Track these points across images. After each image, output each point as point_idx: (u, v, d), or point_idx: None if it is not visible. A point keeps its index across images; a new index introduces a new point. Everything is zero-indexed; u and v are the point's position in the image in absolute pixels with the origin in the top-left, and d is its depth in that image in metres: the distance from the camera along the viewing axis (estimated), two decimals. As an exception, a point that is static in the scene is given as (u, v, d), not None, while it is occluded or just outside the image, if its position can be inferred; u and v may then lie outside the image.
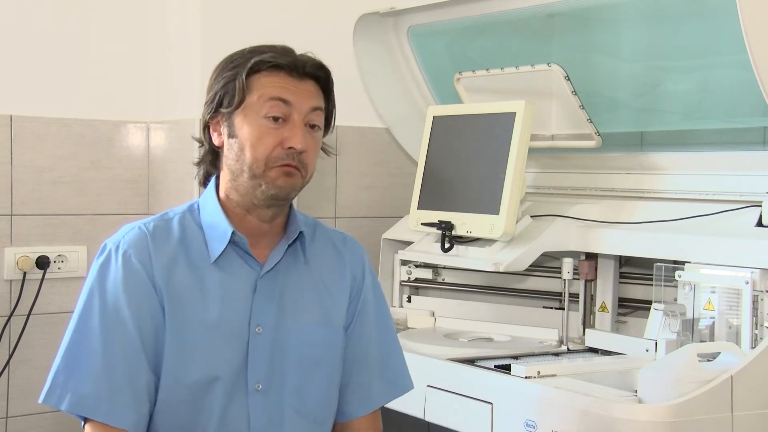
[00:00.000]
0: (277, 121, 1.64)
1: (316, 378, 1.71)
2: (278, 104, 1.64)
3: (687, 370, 1.89)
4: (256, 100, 1.64)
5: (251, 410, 1.65)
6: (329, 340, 1.73)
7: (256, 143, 1.63)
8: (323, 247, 1.79)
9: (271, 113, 1.64)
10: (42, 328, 2.94)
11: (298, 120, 1.65)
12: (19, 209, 2.94)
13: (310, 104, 1.67)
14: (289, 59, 1.66)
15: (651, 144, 2.69)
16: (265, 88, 1.64)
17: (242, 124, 1.65)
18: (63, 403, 1.60)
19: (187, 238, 1.68)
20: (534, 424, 2.02)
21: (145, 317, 1.62)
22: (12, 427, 2.93)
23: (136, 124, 3.13)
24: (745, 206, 2.26)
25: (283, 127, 1.64)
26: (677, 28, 2.49)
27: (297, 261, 1.74)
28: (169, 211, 1.74)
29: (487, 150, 2.53)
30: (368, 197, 3.28)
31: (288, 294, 1.71)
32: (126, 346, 1.60)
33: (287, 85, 1.65)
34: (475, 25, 2.88)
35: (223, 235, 1.67)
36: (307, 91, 1.67)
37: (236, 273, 1.67)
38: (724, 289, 2.13)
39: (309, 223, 1.81)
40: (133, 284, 1.62)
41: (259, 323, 1.67)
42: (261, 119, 1.64)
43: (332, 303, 1.75)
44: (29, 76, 2.96)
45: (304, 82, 1.67)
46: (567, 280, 2.52)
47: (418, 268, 3.00)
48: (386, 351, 1.84)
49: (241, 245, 1.67)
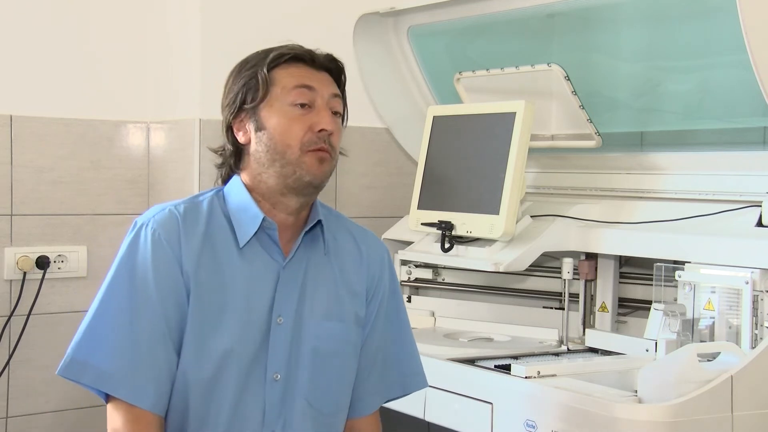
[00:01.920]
0: (304, 107, 1.68)
1: (328, 370, 1.72)
2: (303, 91, 1.69)
3: (687, 370, 1.89)
4: (281, 90, 1.69)
5: (267, 400, 1.66)
6: (343, 335, 1.74)
7: (287, 130, 1.67)
8: (345, 239, 1.81)
9: (298, 100, 1.68)
10: (42, 328, 2.94)
11: (322, 104, 1.70)
12: (19, 209, 2.94)
13: (331, 90, 1.72)
14: (305, 51, 1.73)
15: (651, 144, 2.69)
16: (288, 78, 1.69)
17: (269, 115, 1.68)
18: (84, 377, 1.60)
19: (215, 224, 1.70)
20: (534, 424, 2.02)
21: (171, 297, 1.63)
22: (12, 427, 2.92)
23: (136, 124, 3.13)
24: (745, 206, 2.26)
25: (310, 113, 1.69)
26: (677, 28, 2.49)
27: (317, 251, 1.75)
28: (198, 194, 1.76)
29: (487, 150, 2.53)
30: (368, 197, 3.28)
31: (307, 285, 1.72)
32: (152, 325, 1.61)
33: (307, 73, 1.71)
34: (475, 25, 2.88)
35: (254, 219, 1.68)
36: (326, 80, 1.73)
37: (259, 262, 1.68)
38: (724, 289, 2.13)
39: (333, 215, 1.83)
40: (162, 264, 1.63)
41: (281, 314, 1.68)
42: (288, 107, 1.68)
43: (349, 297, 1.76)
44: (29, 76, 2.96)
45: (321, 72, 1.73)
46: (567, 280, 2.52)
47: (418, 268, 3.00)
48: (400, 351, 1.85)
49: (269, 232, 1.69)
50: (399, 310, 1.86)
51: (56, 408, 2.96)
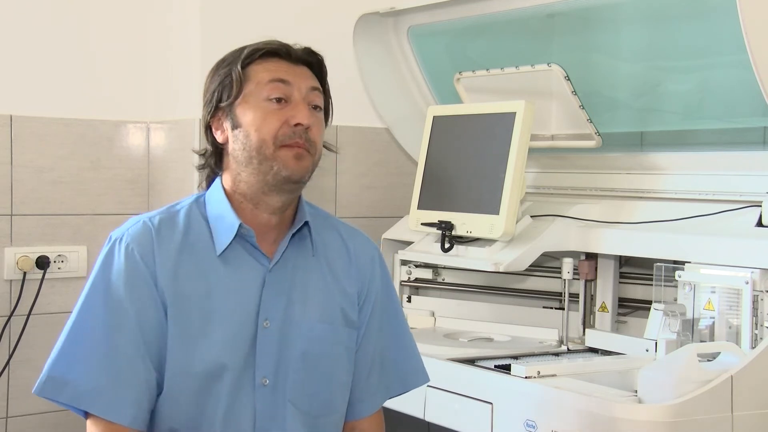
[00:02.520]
0: (280, 101, 1.65)
1: (316, 373, 1.70)
2: (278, 85, 1.65)
3: (687, 370, 1.89)
4: (255, 86, 1.66)
5: (258, 405, 1.65)
6: (333, 336, 1.72)
7: (261, 125, 1.64)
8: (334, 240, 1.78)
9: (273, 95, 1.65)
10: (42, 328, 2.94)
11: (299, 98, 1.66)
12: (19, 209, 2.94)
13: (309, 83, 1.68)
14: (281, 45, 1.69)
15: (651, 144, 2.69)
16: (262, 73, 1.66)
17: (244, 111, 1.66)
18: (61, 395, 1.58)
19: (194, 231, 1.68)
20: (534, 424, 2.02)
21: (147, 312, 1.61)
22: (12, 427, 2.92)
23: (136, 124, 3.13)
24: (745, 206, 2.26)
25: (286, 107, 1.65)
26: (677, 28, 2.49)
27: (305, 253, 1.73)
28: (176, 203, 1.74)
29: (487, 150, 2.53)
30: (368, 197, 3.28)
31: (295, 288, 1.70)
32: (129, 340, 1.60)
33: (284, 67, 1.67)
34: (475, 25, 2.88)
35: (230, 227, 1.66)
36: (303, 73, 1.69)
37: (243, 267, 1.66)
38: (724, 289, 2.13)
39: (320, 215, 1.80)
40: (135, 279, 1.61)
41: (268, 317, 1.66)
42: (263, 102, 1.65)
43: (337, 300, 1.74)
44: (29, 76, 2.96)
45: (299, 66, 1.69)
46: (567, 280, 2.52)
47: (418, 268, 3.00)
48: (398, 349, 1.83)
49: (248, 238, 1.67)
50: (394, 308, 1.84)
51: (56, 408, 2.95)
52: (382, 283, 1.81)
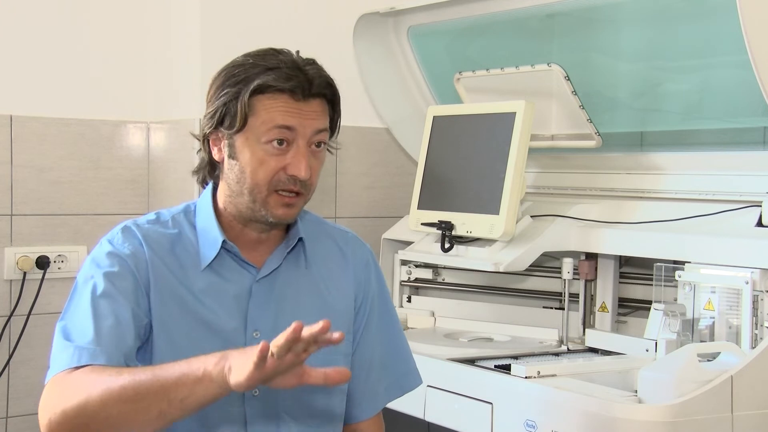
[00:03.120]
0: (282, 143, 1.58)
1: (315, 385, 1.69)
2: (282, 131, 1.58)
3: (687, 370, 1.89)
4: (259, 125, 1.58)
5: (248, 415, 1.64)
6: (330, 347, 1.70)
7: (257, 168, 1.59)
8: (327, 247, 1.77)
9: (275, 138, 1.58)
10: (42, 328, 2.94)
11: (302, 146, 1.59)
12: (19, 209, 2.94)
13: (315, 127, 1.60)
14: (293, 82, 1.58)
15: (651, 144, 2.68)
16: (269, 113, 1.58)
17: (243, 147, 1.60)
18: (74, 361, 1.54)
19: (182, 240, 1.66)
20: (534, 424, 2.02)
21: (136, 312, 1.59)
22: (12, 427, 2.93)
23: (136, 124, 3.13)
24: (745, 206, 2.26)
25: (286, 152, 1.59)
26: (677, 28, 2.49)
27: (298, 265, 1.71)
28: (163, 211, 1.72)
29: (487, 150, 2.53)
30: (368, 197, 3.28)
31: (287, 299, 1.68)
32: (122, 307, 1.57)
33: (291, 109, 1.58)
34: (475, 25, 2.88)
35: (214, 243, 1.64)
36: (313, 113, 1.61)
37: (231, 277, 1.65)
38: (724, 289, 2.13)
39: (312, 221, 1.78)
40: (124, 282, 1.60)
41: (257, 328, 1.64)
42: (263, 144, 1.58)
43: (334, 308, 1.72)
44: (29, 76, 2.96)
45: (310, 103, 1.60)
46: (567, 280, 2.52)
47: (418, 268, 3.00)
48: (394, 352, 1.82)
49: (234, 254, 1.65)
50: (389, 311, 1.84)
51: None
52: (377, 286, 1.81)
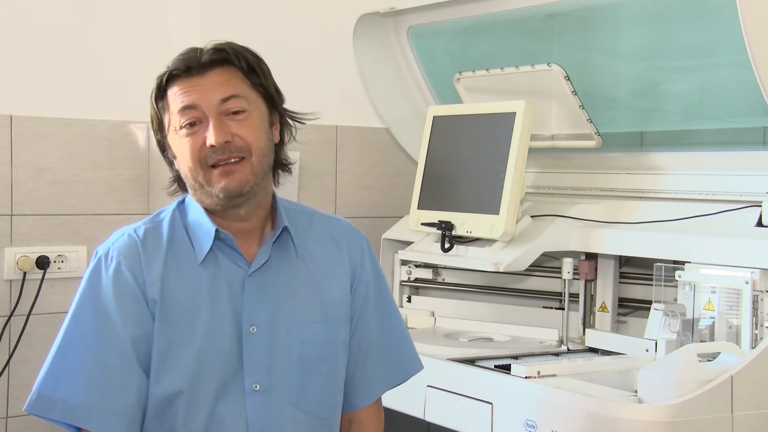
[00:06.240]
0: (193, 125, 1.62)
1: (318, 375, 1.69)
2: (186, 112, 1.63)
3: (687, 370, 1.90)
4: (172, 117, 1.65)
5: (249, 411, 1.64)
6: (329, 336, 1.71)
7: (184, 154, 1.64)
8: (319, 236, 1.77)
9: (185, 122, 1.62)
10: (42, 328, 2.94)
11: (210, 116, 1.62)
12: (19, 209, 2.93)
13: (217, 96, 1.62)
14: (184, 63, 1.64)
15: (651, 144, 2.69)
16: (173, 101, 1.64)
17: (172, 143, 1.67)
18: (52, 412, 1.58)
19: (177, 240, 1.67)
20: (534, 424, 2.02)
21: (137, 324, 1.60)
22: (12, 427, 2.92)
23: (136, 124, 3.13)
24: (745, 206, 2.26)
25: (200, 128, 1.62)
26: (677, 28, 2.49)
27: (288, 256, 1.71)
28: (160, 211, 1.73)
29: (487, 150, 2.53)
30: (368, 197, 3.28)
31: (282, 291, 1.68)
32: (117, 353, 1.59)
33: (189, 88, 1.63)
34: (475, 25, 2.88)
35: (207, 233, 1.65)
36: (212, 84, 1.63)
37: (224, 273, 1.65)
38: (724, 289, 2.13)
39: (304, 212, 1.78)
40: (124, 294, 1.61)
41: (253, 323, 1.65)
42: (180, 131, 1.64)
43: (331, 296, 1.73)
44: (29, 76, 2.96)
45: (207, 76, 1.63)
46: (567, 280, 2.52)
47: (418, 268, 3.00)
48: (391, 338, 1.82)
49: (228, 242, 1.66)
50: (386, 297, 1.83)
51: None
52: (372, 272, 1.80)
